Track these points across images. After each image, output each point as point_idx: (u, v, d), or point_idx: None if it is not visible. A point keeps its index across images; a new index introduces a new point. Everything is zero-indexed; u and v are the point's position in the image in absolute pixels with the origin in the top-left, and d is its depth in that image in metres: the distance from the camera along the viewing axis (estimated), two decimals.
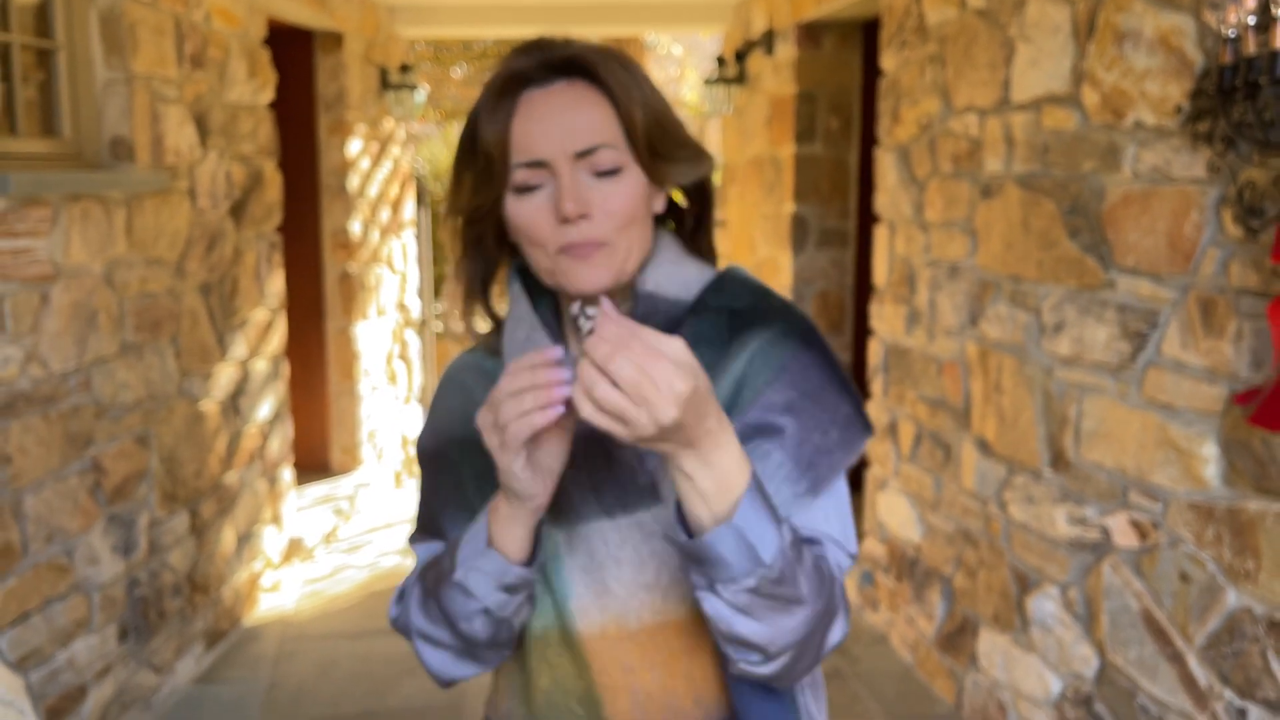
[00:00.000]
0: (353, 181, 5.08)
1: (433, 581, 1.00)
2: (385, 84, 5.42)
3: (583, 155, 0.95)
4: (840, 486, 1.01)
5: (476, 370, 1.11)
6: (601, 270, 0.96)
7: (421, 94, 5.52)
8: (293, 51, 4.80)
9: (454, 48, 9.66)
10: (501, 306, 1.09)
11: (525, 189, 0.96)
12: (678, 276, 1.03)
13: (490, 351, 1.10)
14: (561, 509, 0.99)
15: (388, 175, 5.59)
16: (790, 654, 0.91)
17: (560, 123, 0.95)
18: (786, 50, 4.62)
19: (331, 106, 5.00)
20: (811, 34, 4.52)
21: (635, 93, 0.97)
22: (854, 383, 1.02)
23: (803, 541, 0.92)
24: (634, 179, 0.97)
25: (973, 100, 2.98)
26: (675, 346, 0.80)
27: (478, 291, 1.07)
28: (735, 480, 0.85)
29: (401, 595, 1.10)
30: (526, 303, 1.04)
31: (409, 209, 5.91)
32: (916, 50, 3.34)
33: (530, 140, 0.95)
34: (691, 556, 0.86)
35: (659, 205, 1.03)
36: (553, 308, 1.07)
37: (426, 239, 6.04)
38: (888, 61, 3.57)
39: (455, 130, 9.41)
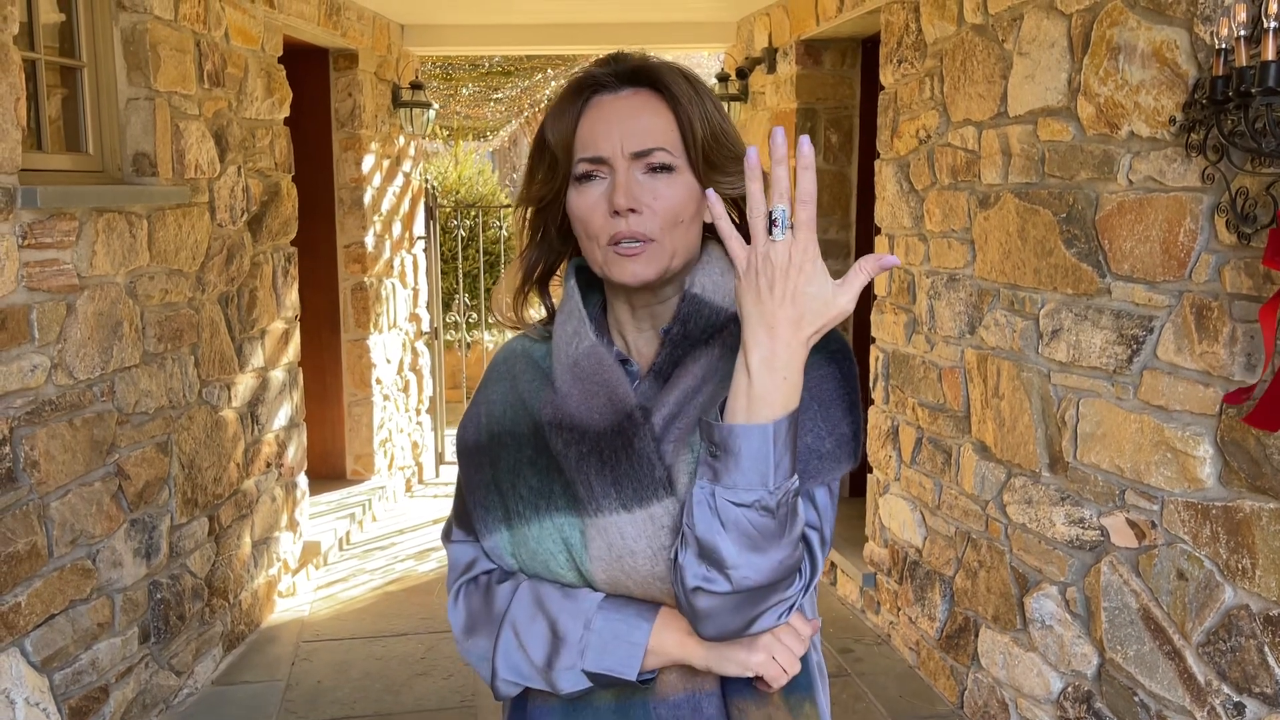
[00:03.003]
0: (366, 196, 5.17)
1: (543, 652, 1.04)
2: (397, 101, 5.51)
3: (639, 156, 1.03)
4: (824, 497, 1.04)
5: (525, 357, 1.17)
6: (646, 266, 1.04)
7: (432, 112, 5.61)
8: (308, 69, 4.89)
9: (462, 67, 9.76)
10: (557, 297, 1.16)
11: (585, 178, 1.05)
12: (723, 286, 1.07)
13: (541, 338, 1.17)
14: (582, 501, 1.03)
15: (399, 191, 5.67)
16: (745, 595, 0.94)
17: (622, 125, 1.04)
18: (788, 67, 4.70)
19: (345, 123, 5.09)
20: (812, 51, 4.60)
21: (696, 104, 1.05)
22: (863, 412, 1.07)
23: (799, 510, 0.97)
24: (685, 182, 1.05)
25: (970, 114, 3.05)
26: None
27: (535, 279, 1.15)
28: (782, 401, 0.91)
29: (456, 597, 1.13)
30: (578, 297, 1.10)
31: (419, 224, 5.99)
32: (915, 66, 3.41)
33: (594, 138, 1.04)
34: (715, 441, 0.92)
35: (707, 215, 1.09)
36: (601, 304, 1.15)
37: (436, 253, 6.12)
38: (887, 77, 3.64)
39: (463, 148, 9.50)
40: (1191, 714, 2.22)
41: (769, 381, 0.91)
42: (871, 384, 3.86)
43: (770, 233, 0.90)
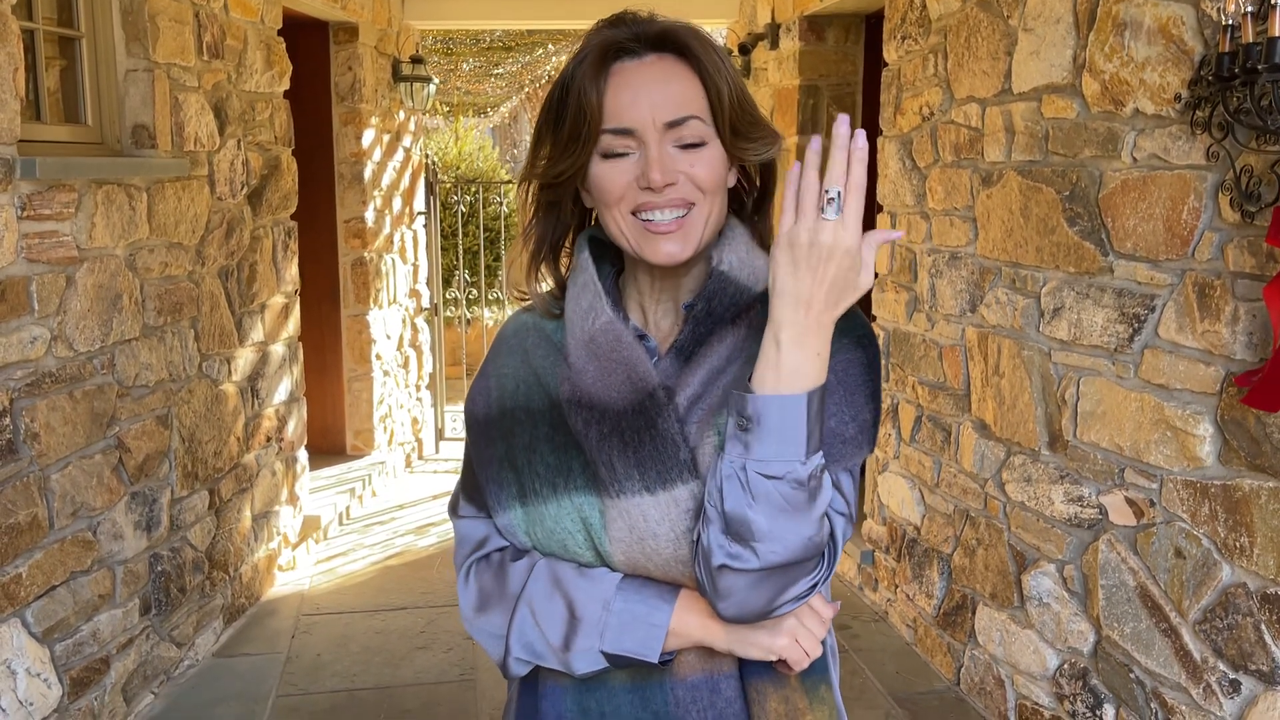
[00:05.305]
0: (366, 171, 5.15)
1: (560, 632, 1.02)
2: (397, 76, 5.48)
3: (672, 126, 0.99)
4: (848, 482, 1.03)
5: (537, 332, 1.12)
6: (682, 245, 1.01)
7: (432, 86, 5.58)
8: (308, 42, 4.86)
9: (463, 41, 9.69)
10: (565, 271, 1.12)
11: (611, 155, 1.00)
12: (750, 264, 1.05)
13: (548, 314, 1.12)
14: (603, 482, 1.00)
15: (399, 166, 5.65)
16: (769, 572, 0.93)
17: (651, 93, 0.99)
18: (790, 43, 4.67)
19: (345, 97, 5.07)
20: (815, 26, 4.56)
21: (722, 69, 1.02)
22: (881, 400, 1.07)
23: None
24: (716, 152, 1.02)
25: (974, 90, 3.03)
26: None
27: (546, 254, 1.11)
28: (812, 373, 0.91)
29: (467, 574, 1.11)
30: (593, 269, 1.06)
31: (419, 200, 5.97)
32: (919, 42, 3.38)
33: (620, 109, 0.99)
34: (746, 415, 0.91)
35: (730, 181, 1.07)
36: (614, 277, 1.12)
37: (436, 229, 6.10)
38: (890, 53, 3.61)
39: (463, 124, 9.45)
40: (1187, 691, 2.23)
41: (800, 356, 0.90)
42: None
43: (824, 211, 0.90)
